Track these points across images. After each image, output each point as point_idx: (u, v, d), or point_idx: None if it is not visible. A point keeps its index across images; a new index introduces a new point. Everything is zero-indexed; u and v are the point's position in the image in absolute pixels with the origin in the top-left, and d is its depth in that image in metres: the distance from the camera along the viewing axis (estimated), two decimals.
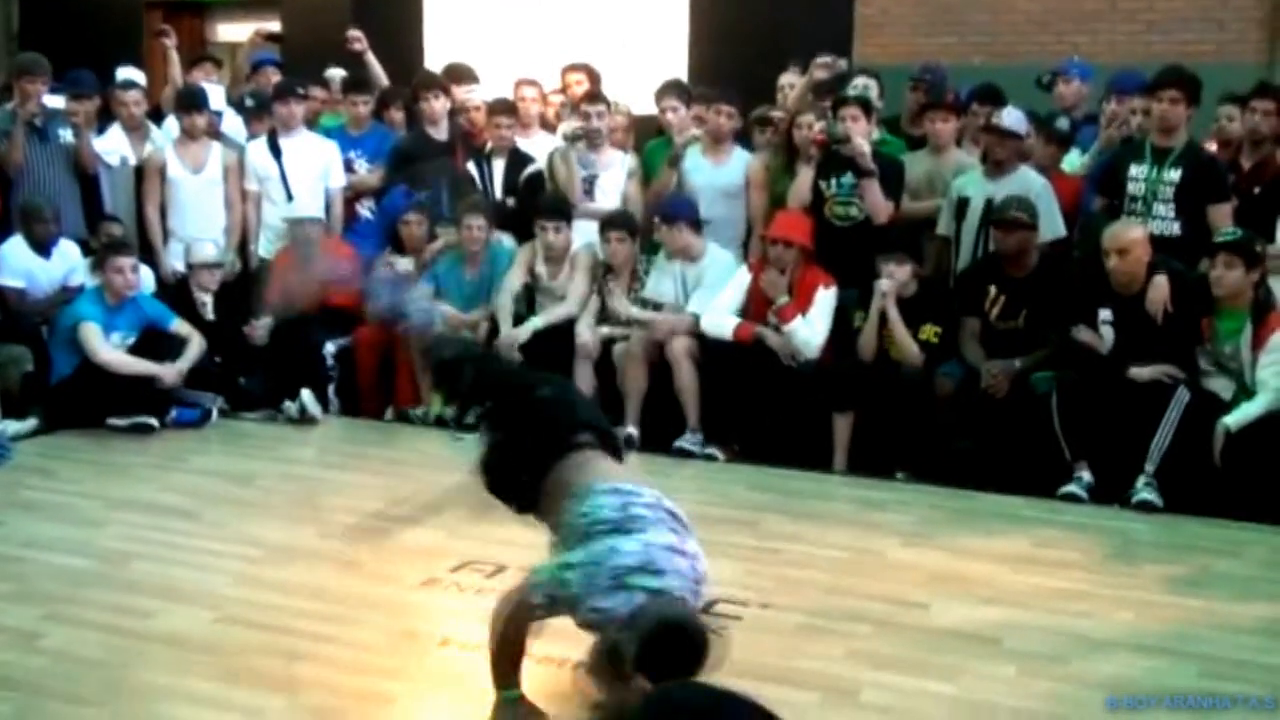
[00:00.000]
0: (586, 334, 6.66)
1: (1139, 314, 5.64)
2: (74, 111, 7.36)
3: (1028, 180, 6.27)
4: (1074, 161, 6.80)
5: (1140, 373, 5.57)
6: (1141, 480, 5.48)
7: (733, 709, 1.17)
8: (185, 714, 3.49)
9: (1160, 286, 5.61)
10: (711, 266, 6.62)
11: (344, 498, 5.49)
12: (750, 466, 6.17)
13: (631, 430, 6.38)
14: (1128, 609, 4.37)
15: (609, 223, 6.76)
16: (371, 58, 8.19)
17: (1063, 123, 6.73)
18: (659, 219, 6.69)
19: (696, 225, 6.61)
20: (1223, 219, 5.83)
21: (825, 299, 6.29)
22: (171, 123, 7.79)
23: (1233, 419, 5.36)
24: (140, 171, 7.56)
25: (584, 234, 6.95)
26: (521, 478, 3.54)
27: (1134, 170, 5.99)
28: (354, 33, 8.22)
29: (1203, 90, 6.05)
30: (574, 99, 7.77)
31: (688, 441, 6.35)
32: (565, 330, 6.72)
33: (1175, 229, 5.89)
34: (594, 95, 7.39)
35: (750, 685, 1.21)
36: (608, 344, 6.66)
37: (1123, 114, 6.53)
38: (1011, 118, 6.37)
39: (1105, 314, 5.74)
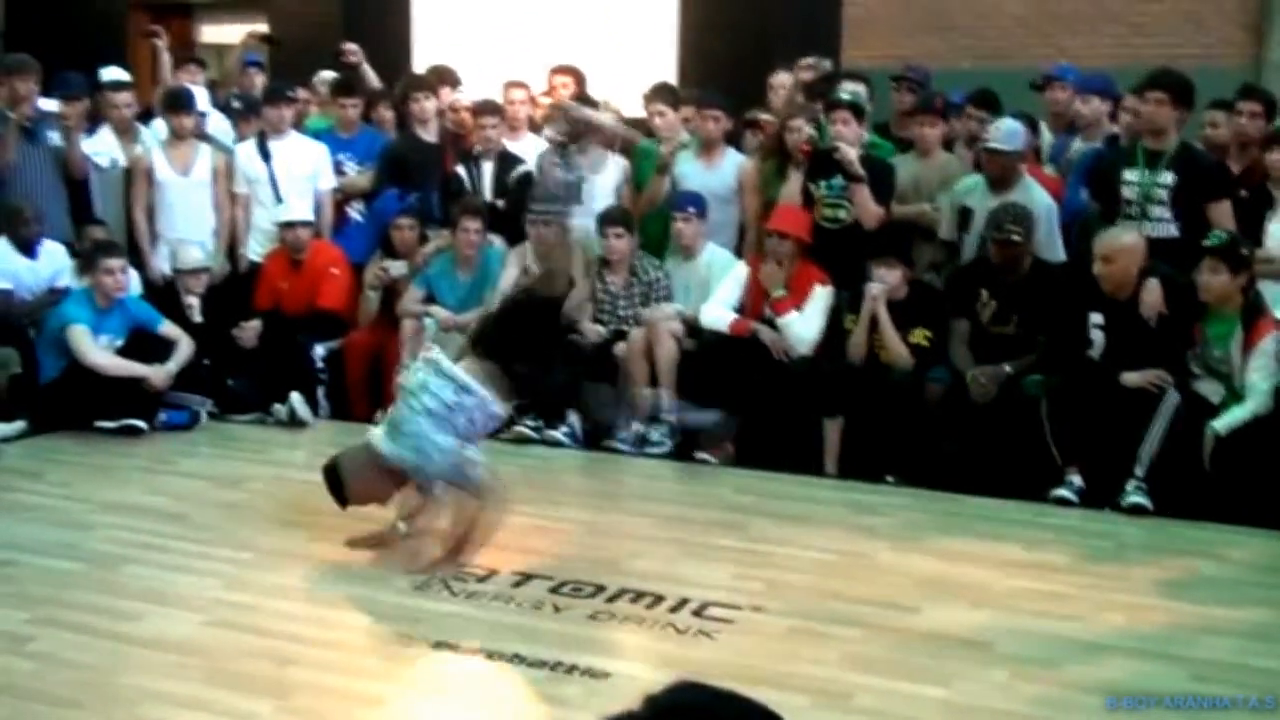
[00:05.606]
0: (589, 332, 6.68)
1: (1131, 318, 5.64)
2: (66, 115, 7.31)
3: (1031, 197, 6.14)
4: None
5: (1130, 378, 5.57)
6: (1132, 484, 5.49)
7: (738, 709, 1.17)
8: (174, 718, 3.47)
9: (1153, 290, 5.61)
10: (712, 265, 6.67)
11: (334, 502, 5.46)
12: (739, 469, 6.17)
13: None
14: (1118, 612, 4.38)
15: (607, 218, 6.77)
16: (368, 69, 8.20)
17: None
18: (673, 211, 6.74)
19: (703, 216, 6.70)
20: (1223, 217, 5.80)
21: (821, 296, 6.33)
22: (159, 124, 7.77)
23: (1221, 423, 5.38)
24: (129, 173, 7.53)
25: (577, 231, 6.94)
26: None
27: (1127, 174, 5.97)
28: (349, 46, 8.26)
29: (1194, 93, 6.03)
30: (560, 102, 7.76)
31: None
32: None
33: (1173, 231, 5.87)
34: (580, 98, 7.39)
35: (742, 689, 1.20)
36: (607, 342, 6.66)
37: (1089, 115, 6.68)
38: (1001, 133, 6.21)
39: (1096, 318, 5.74)
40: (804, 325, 6.28)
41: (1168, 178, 5.89)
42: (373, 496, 4.73)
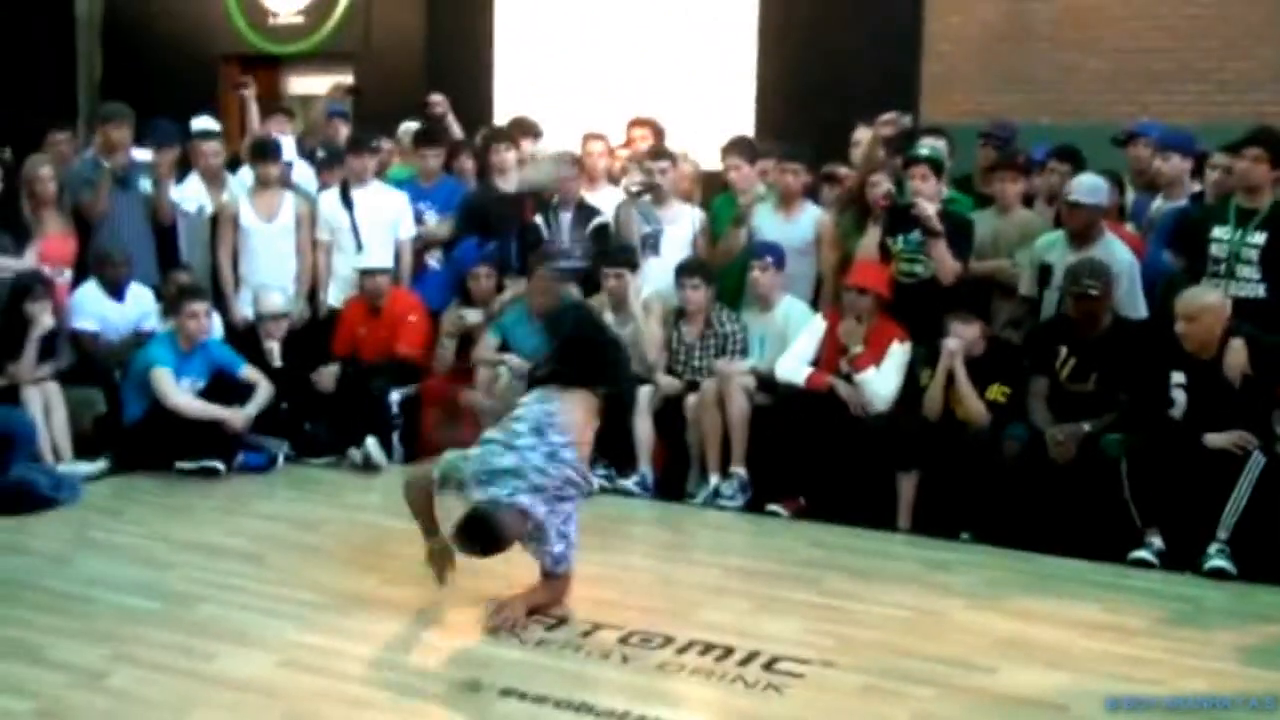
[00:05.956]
0: (664, 383, 6.71)
1: (1214, 379, 5.54)
2: (157, 163, 7.49)
3: (1112, 254, 6.06)
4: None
5: (1215, 439, 5.47)
6: (1214, 547, 5.37)
7: None
8: None
9: (1238, 351, 5.50)
10: (789, 317, 6.68)
11: (409, 546, 5.50)
12: (812, 523, 6.12)
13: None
14: (1198, 678, 4.28)
15: (684, 269, 6.81)
16: (453, 119, 8.34)
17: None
18: (750, 260, 6.76)
19: (781, 267, 6.72)
20: None
21: (898, 352, 6.29)
22: (246, 172, 7.94)
23: None
24: (215, 219, 7.70)
25: (654, 281, 6.99)
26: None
27: (1217, 231, 5.84)
28: (435, 97, 8.47)
29: None
30: (637, 154, 7.84)
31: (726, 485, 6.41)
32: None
33: (1260, 292, 5.76)
34: (657, 151, 7.45)
35: None
36: (678, 397, 6.67)
37: (1169, 173, 6.50)
38: (1083, 186, 6.15)
39: (1178, 377, 5.65)
40: (881, 381, 6.25)
41: (1259, 238, 5.76)
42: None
